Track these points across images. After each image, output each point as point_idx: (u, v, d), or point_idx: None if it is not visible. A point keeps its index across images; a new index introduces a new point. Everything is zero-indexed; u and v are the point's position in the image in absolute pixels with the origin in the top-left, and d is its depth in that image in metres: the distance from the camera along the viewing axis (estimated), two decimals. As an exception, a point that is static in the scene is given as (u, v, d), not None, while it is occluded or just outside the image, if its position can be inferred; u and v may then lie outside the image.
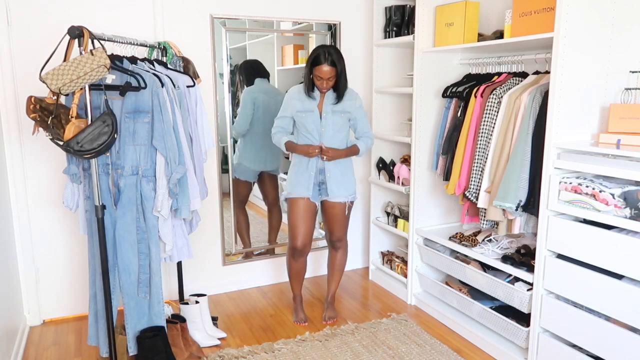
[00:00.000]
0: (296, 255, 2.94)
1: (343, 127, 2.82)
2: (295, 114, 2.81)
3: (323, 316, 3.09)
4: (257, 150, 3.50)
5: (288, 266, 3.03)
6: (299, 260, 2.97)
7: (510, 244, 2.75)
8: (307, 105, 2.79)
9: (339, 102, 2.78)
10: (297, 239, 2.87)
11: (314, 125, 2.78)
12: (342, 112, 2.79)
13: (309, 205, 2.85)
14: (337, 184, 2.83)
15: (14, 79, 2.81)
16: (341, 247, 3.04)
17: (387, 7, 3.36)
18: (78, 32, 2.05)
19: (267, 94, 3.47)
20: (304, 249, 2.90)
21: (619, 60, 2.34)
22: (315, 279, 3.76)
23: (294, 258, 2.96)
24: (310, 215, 2.87)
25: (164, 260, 2.53)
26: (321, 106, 2.79)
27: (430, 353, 2.70)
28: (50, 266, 3.08)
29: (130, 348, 2.43)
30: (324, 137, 2.78)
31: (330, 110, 2.78)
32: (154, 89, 2.25)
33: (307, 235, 2.88)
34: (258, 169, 3.55)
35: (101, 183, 2.27)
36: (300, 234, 2.86)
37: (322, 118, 2.78)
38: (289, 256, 2.98)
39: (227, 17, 3.24)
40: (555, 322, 2.32)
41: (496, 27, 2.99)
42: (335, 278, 3.10)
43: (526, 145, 2.40)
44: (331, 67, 2.67)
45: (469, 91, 2.82)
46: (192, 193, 2.42)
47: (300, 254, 2.93)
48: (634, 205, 1.97)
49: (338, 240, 2.99)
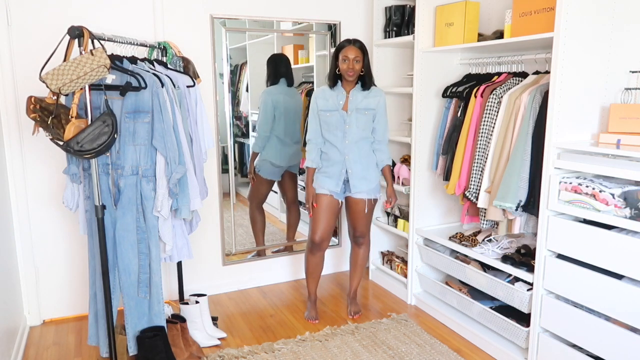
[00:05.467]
0: (314, 249, 2.98)
1: (367, 125, 2.83)
2: (320, 113, 2.83)
3: (348, 311, 3.16)
4: (281, 147, 3.54)
5: (305, 261, 3.07)
6: (316, 255, 3.00)
7: (510, 244, 2.75)
8: (331, 104, 2.81)
9: (365, 97, 2.79)
10: (316, 234, 2.92)
11: (338, 123, 2.80)
12: (367, 110, 2.80)
13: (333, 202, 2.90)
14: (359, 179, 2.86)
15: (14, 79, 2.81)
16: (364, 244, 3.09)
17: (387, 7, 3.36)
18: (78, 32, 2.05)
19: (287, 95, 3.50)
20: (321, 243, 2.95)
21: (619, 60, 2.34)
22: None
23: (312, 252, 3.00)
24: (332, 212, 2.92)
25: (164, 260, 2.53)
26: (346, 104, 2.80)
27: (430, 353, 2.70)
28: (50, 266, 3.08)
29: (130, 348, 2.43)
30: (348, 135, 2.80)
31: (355, 107, 2.79)
32: (154, 89, 2.25)
33: (326, 230, 2.93)
34: (283, 164, 3.58)
35: (101, 183, 2.27)
36: (319, 229, 2.91)
37: (347, 115, 2.79)
38: (307, 250, 3.03)
39: (227, 17, 3.24)
40: (555, 322, 2.32)
41: (496, 27, 2.99)
42: (357, 274, 3.15)
43: (526, 145, 2.40)
44: (358, 49, 2.72)
45: (469, 91, 2.82)
46: (192, 193, 2.42)
47: (318, 248, 2.97)
48: (634, 205, 1.97)
49: (361, 236, 3.04)
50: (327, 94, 2.83)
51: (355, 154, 2.84)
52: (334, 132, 2.82)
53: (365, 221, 2.99)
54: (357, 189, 2.87)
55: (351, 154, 2.83)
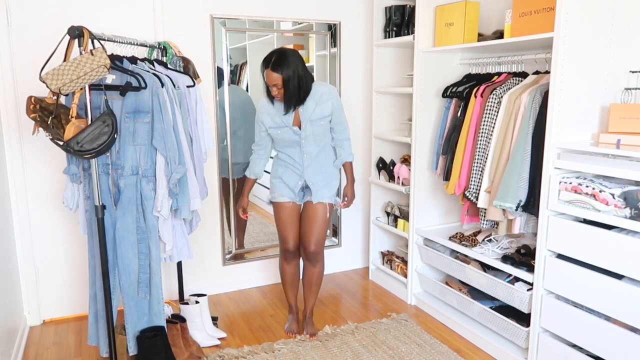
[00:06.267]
0: (289, 258, 2.87)
1: (325, 134, 2.66)
2: (270, 131, 2.66)
3: (304, 331, 2.91)
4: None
5: (282, 272, 2.93)
6: (292, 263, 2.89)
7: (510, 244, 2.75)
8: (278, 121, 2.61)
9: (316, 104, 2.57)
10: (288, 242, 2.80)
11: (292, 140, 2.63)
12: (322, 119, 2.61)
13: (295, 207, 2.78)
14: (321, 188, 2.70)
15: (14, 79, 2.81)
16: (318, 261, 2.84)
17: (387, 7, 3.35)
18: (78, 32, 2.05)
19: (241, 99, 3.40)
20: (296, 250, 2.84)
21: (619, 60, 2.34)
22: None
23: (287, 261, 2.89)
24: (297, 217, 2.80)
25: (164, 260, 2.53)
26: (297, 118, 2.61)
27: (430, 353, 2.70)
28: (50, 266, 3.08)
29: (130, 348, 2.43)
30: (305, 149, 2.64)
31: (308, 120, 2.59)
32: (154, 89, 2.25)
33: (297, 237, 2.82)
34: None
35: (101, 183, 2.27)
36: (291, 236, 2.79)
37: (301, 129, 2.61)
38: (282, 260, 2.90)
39: (227, 17, 3.24)
40: (555, 322, 2.32)
41: (496, 27, 2.99)
42: (313, 293, 2.92)
43: (526, 145, 2.40)
44: (275, 72, 2.45)
45: (469, 91, 2.82)
46: (192, 193, 2.42)
47: (294, 256, 2.87)
48: (634, 205, 1.97)
49: (316, 253, 2.78)
50: (271, 110, 2.62)
51: (315, 168, 2.69)
52: (289, 148, 2.66)
53: (318, 232, 2.74)
54: (318, 198, 2.70)
55: (310, 168, 2.68)
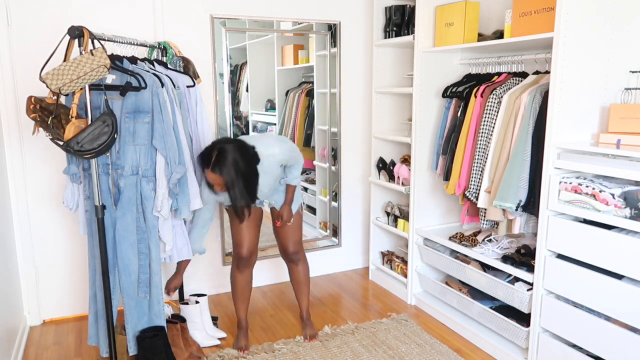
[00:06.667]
0: (241, 266, 2.71)
1: (278, 177, 2.57)
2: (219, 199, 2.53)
3: (303, 334, 2.87)
4: None
5: (232, 280, 2.76)
6: (244, 272, 2.73)
7: (510, 244, 2.75)
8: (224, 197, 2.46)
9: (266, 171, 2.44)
10: (242, 247, 2.66)
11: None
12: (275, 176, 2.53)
13: (255, 209, 2.66)
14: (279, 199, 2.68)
15: (14, 79, 2.81)
16: (300, 259, 2.81)
17: (387, 7, 3.35)
18: (78, 32, 2.05)
19: None
20: (250, 257, 2.70)
21: (619, 60, 2.34)
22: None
23: (239, 269, 2.72)
24: (256, 222, 2.70)
25: (164, 260, 2.53)
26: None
27: (430, 353, 2.70)
28: (50, 266, 3.08)
29: (130, 348, 2.43)
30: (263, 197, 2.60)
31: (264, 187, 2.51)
32: (154, 89, 2.25)
33: (253, 243, 2.69)
34: None
35: (101, 183, 2.27)
36: (246, 241, 2.66)
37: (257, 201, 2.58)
38: (234, 267, 2.75)
39: (227, 17, 3.24)
40: (555, 322, 2.32)
41: (496, 27, 2.99)
42: (304, 292, 2.88)
43: (526, 145, 2.40)
44: (216, 175, 2.29)
45: (469, 91, 2.82)
46: (192, 193, 2.42)
47: (247, 264, 2.71)
48: (634, 205, 1.97)
49: (295, 252, 2.77)
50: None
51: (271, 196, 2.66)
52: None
53: (293, 232, 2.73)
54: (278, 204, 2.68)
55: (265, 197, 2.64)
